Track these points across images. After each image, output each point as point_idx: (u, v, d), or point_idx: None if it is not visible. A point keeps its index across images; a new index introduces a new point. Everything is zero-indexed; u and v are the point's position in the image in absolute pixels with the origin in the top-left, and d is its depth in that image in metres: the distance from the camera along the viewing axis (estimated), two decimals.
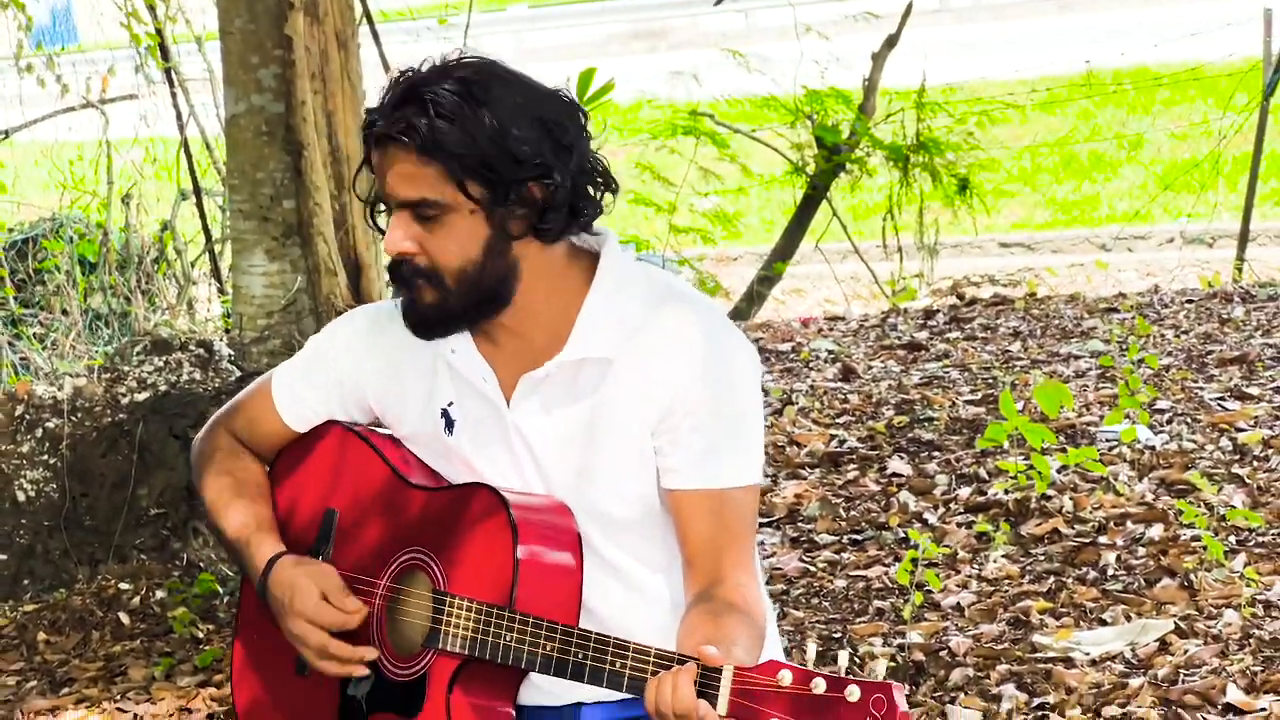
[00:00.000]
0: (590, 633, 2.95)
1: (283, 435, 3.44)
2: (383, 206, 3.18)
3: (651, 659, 2.88)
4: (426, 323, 3.15)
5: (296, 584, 3.23)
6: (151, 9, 10.12)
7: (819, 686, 2.68)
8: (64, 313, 9.77)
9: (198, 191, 10.54)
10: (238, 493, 3.40)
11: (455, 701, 3.07)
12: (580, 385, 3.16)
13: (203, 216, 10.61)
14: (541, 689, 3.16)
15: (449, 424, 3.25)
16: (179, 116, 10.48)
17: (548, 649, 2.97)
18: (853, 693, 2.65)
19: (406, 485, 3.27)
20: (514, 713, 3.14)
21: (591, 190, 3.16)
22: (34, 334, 9.76)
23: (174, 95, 10.45)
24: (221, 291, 10.35)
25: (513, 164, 3.05)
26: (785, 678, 2.70)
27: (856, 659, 5.17)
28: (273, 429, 3.44)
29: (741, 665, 2.77)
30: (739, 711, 2.74)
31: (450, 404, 3.25)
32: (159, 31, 10.16)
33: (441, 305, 3.12)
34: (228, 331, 7.49)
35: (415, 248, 3.10)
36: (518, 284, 3.13)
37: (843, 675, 2.69)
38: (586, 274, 3.19)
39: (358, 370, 3.36)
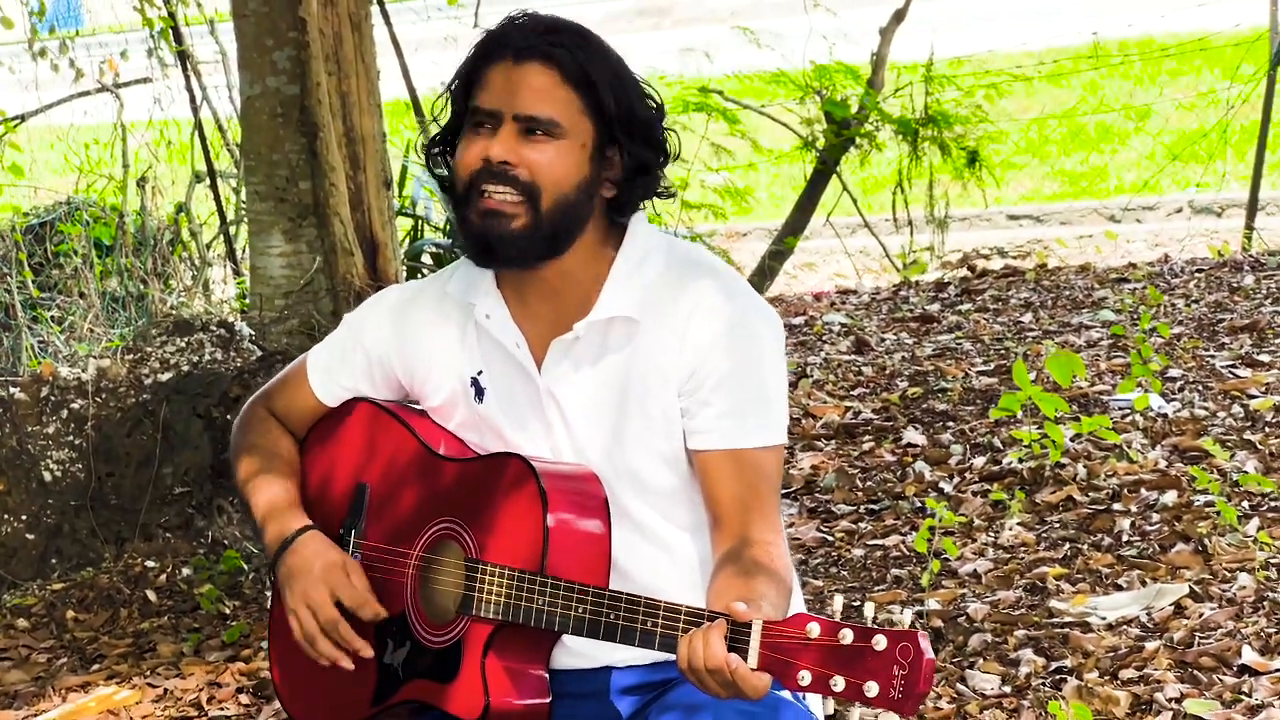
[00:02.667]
0: (621, 594, 3.01)
1: (318, 412, 3.50)
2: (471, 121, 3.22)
3: (682, 617, 2.93)
4: (503, 247, 3.19)
5: (329, 558, 3.29)
6: None
7: (847, 637, 2.72)
8: (81, 296, 9.82)
9: (212, 174, 10.59)
10: (269, 468, 3.46)
11: (490, 665, 3.12)
12: (609, 347, 3.23)
13: (217, 199, 10.65)
14: (574, 652, 3.22)
15: (479, 392, 3.32)
16: (192, 100, 10.53)
17: (580, 611, 3.03)
18: (879, 642, 2.70)
19: (436, 457, 3.32)
20: (547, 676, 3.19)
21: (661, 174, 3.30)
22: (52, 317, 9.81)
23: (187, 78, 10.50)
24: (237, 273, 10.41)
25: (631, 121, 3.21)
26: (813, 630, 2.75)
27: (876, 624, 5.23)
28: (308, 406, 3.50)
29: (770, 619, 2.82)
30: (769, 664, 2.79)
31: (480, 373, 3.32)
32: (171, 15, 10.21)
33: (528, 230, 3.17)
34: (243, 313, 7.55)
35: (518, 160, 3.16)
36: (581, 234, 3.22)
37: (870, 625, 2.75)
38: (615, 241, 3.28)
39: (388, 346, 3.42)
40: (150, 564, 6.27)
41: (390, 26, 10.54)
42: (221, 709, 5.36)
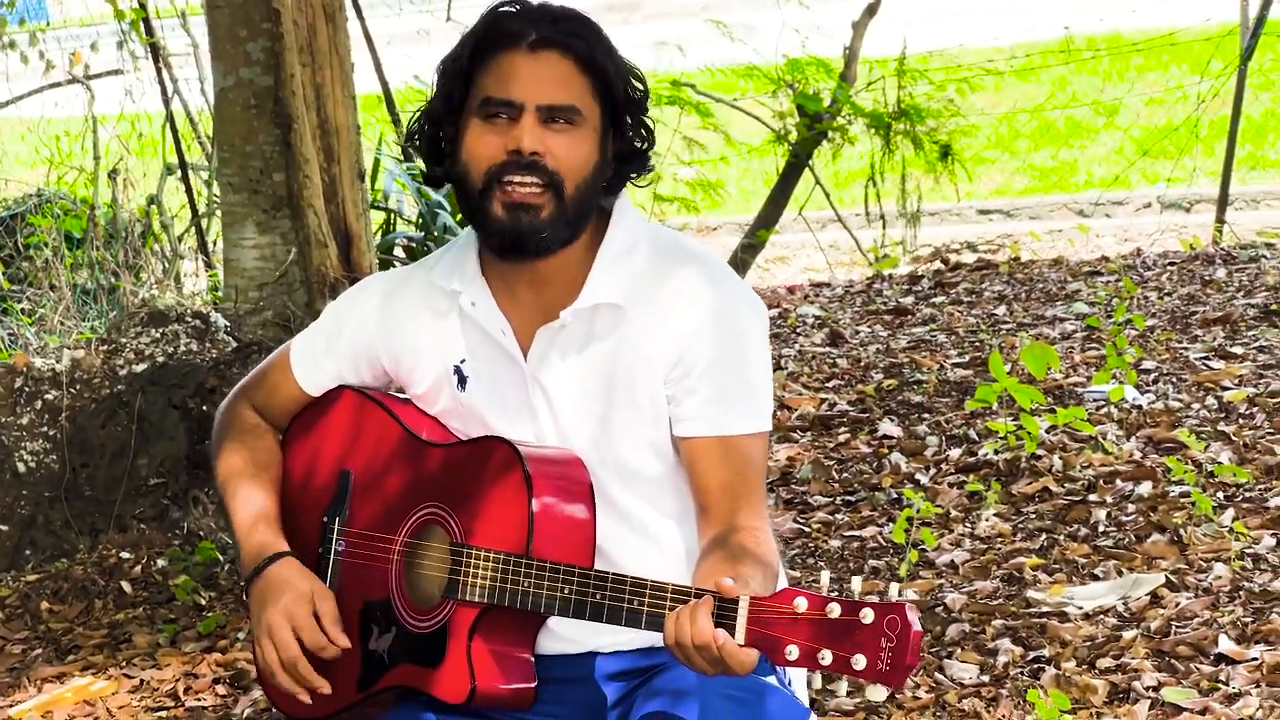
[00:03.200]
0: (607, 573, 3.01)
1: (301, 402, 3.51)
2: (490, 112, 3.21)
3: (669, 595, 2.93)
4: (533, 238, 3.18)
5: (299, 589, 3.27)
6: None
7: (834, 611, 2.73)
8: (52, 288, 9.79)
9: (183, 166, 10.56)
10: (251, 475, 3.46)
11: (476, 649, 3.12)
12: (595, 335, 3.24)
13: (189, 191, 10.62)
14: (560, 636, 3.23)
15: (461, 380, 3.32)
16: (164, 92, 10.50)
17: (565, 592, 3.03)
18: (867, 615, 2.70)
19: (420, 443, 3.32)
20: (533, 659, 3.20)
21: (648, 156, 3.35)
22: (22, 309, 9.78)
23: (159, 71, 10.47)
24: (209, 265, 10.38)
25: (631, 105, 3.25)
26: (800, 604, 2.76)
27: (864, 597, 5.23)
28: (291, 396, 3.50)
29: (757, 595, 2.82)
30: (757, 640, 2.79)
31: (463, 360, 3.32)
32: (143, 5, 10.17)
33: (555, 220, 3.17)
34: (216, 305, 7.54)
35: (545, 149, 3.16)
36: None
37: (857, 599, 2.75)
38: (600, 228, 3.29)
39: (372, 335, 3.42)
40: (125, 555, 6.24)
41: (362, 20, 10.53)
42: (198, 699, 5.35)
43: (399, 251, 9.95)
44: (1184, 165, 13.37)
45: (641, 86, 3.29)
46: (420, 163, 3.40)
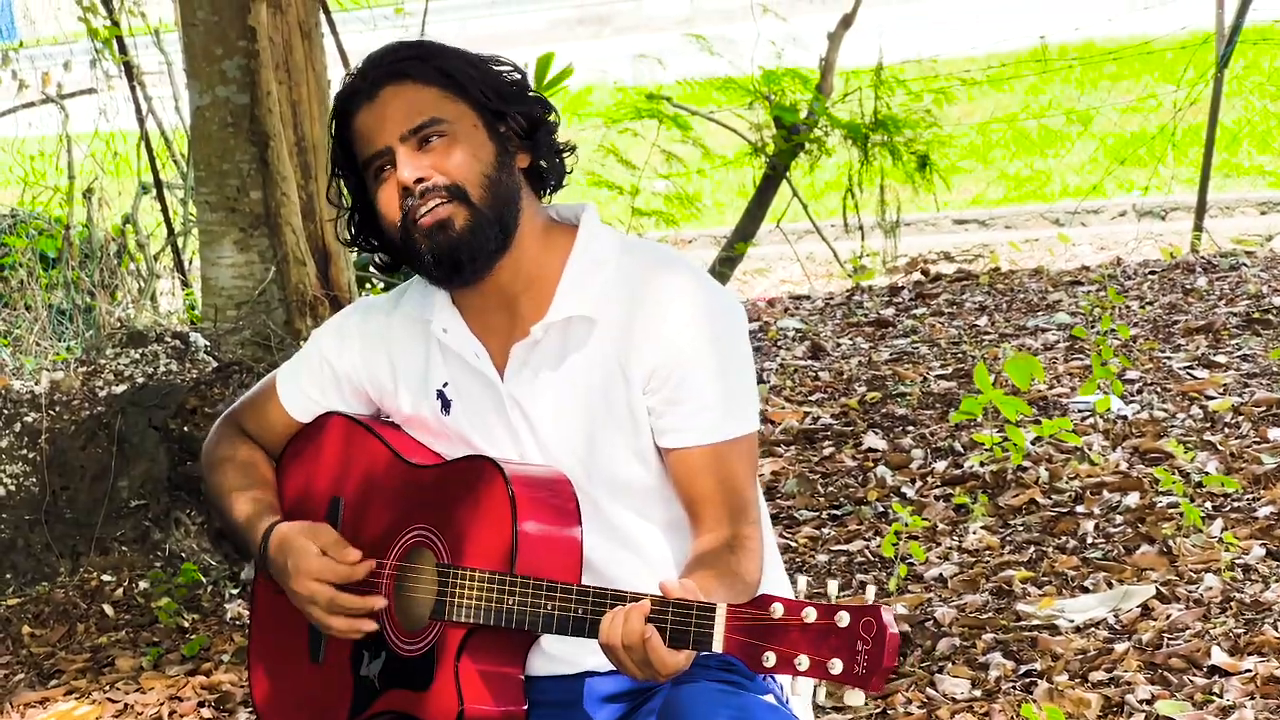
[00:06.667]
0: (589, 587, 2.99)
1: (290, 427, 3.49)
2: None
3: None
4: (464, 251, 3.15)
5: (294, 544, 3.26)
6: (107, 3, 10.09)
7: (810, 615, 2.71)
8: (27, 308, 9.74)
9: (158, 185, 10.52)
10: (242, 480, 3.45)
11: (464, 670, 3.09)
12: (569, 348, 3.21)
13: (164, 210, 10.58)
14: (552, 657, 3.20)
15: (445, 405, 3.30)
16: (138, 110, 10.46)
17: (549, 608, 3.00)
18: (843, 618, 2.69)
19: (408, 466, 3.30)
20: (523, 679, 3.17)
21: (559, 151, 3.31)
22: None
23: (133, 89, 10.42)
24: (184, 284, 10.34)
25: (500, 89, 3.22)
26: (777, 610, 2.74)
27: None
28: (280, 422, 3.48)
29: (734, 603, 2.80)
30: (735, 648, 2.78)
31: (445, 385, 3.30)
32: (116, 24, 10.13)
33: (474, 225, 3.14)
34: (193, 324, 7.50)
35: (430, 171, 3.14)
36: (521, 216, 3.21)
37: (833, 603, 2.73)
38: (568, 242, 3.26)
39: (354, 362, 3.41)
40: (107, 578, 6.20)
41: (337, 36, 10.47)
42: None
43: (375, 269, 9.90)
44: (1159, 173, 13.39)
45: (507, 67, 3.27)
46: None
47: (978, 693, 4.81)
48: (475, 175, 3.15)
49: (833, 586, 2.79)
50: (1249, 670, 4.69)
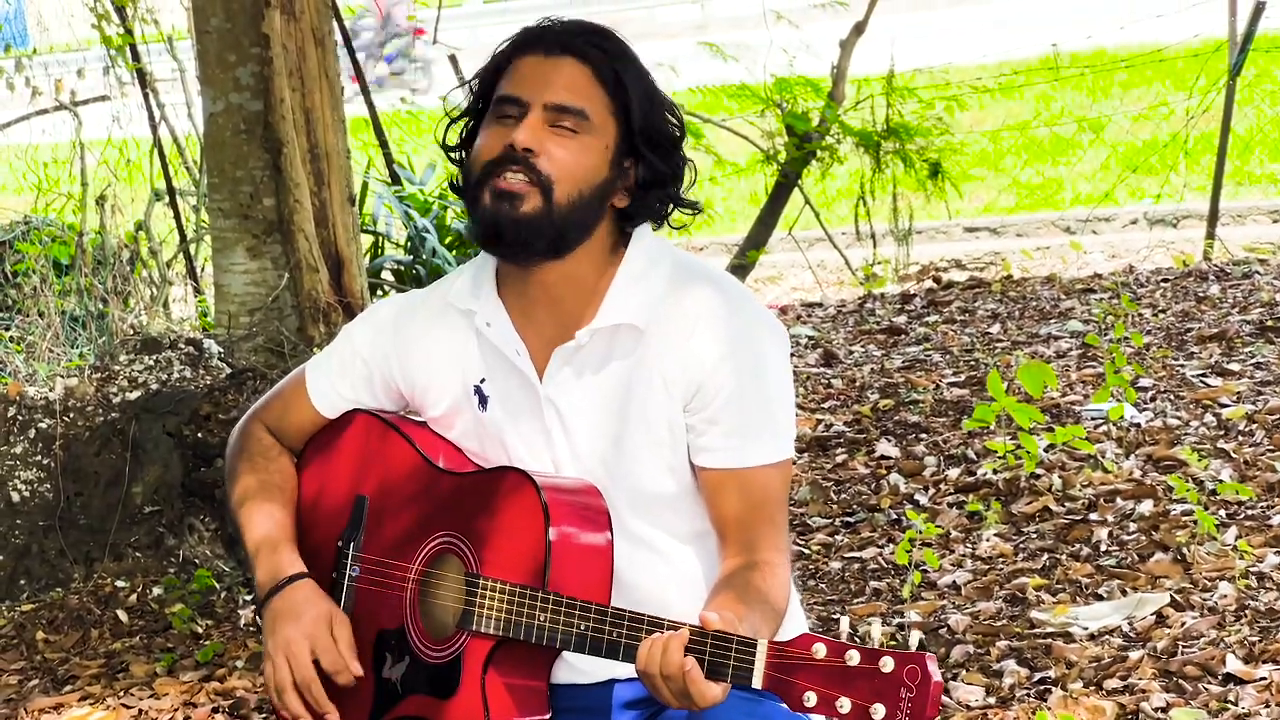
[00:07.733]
0: (625, 610, 2.98)
1: (315, 424, 3.48)
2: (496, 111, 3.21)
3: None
4: (511, 231, 3.15)
5: (319, 611, 3.25)
6: (120, 10, 10.09)
7: (853, 659, 2.72)
8: (40, 315, 9.74)
9: (171, 192, 10.52)
10: (265, 496, 3.43)
11: (490, 681, 3.09)
12: (612, 357, 3.21)
13: (177, 217, 10.58)
14: (575, 667, 3.19)
15: (483, 400, 3.29)
16: (151, 117, 10.46)
17: (581, 628, 3.00)
18: (887, 664, 2.69)
19: (435, 470, 3.29)
20: (548, 691, 3.16)
21: (678, 197, 3.29)
22: (11, 337, 9.73)
23: (145, 96, 10.43)
24: (197, 291, 10.34)
25: (654, 133, 3.21)
26: (819, 651, 2.74)
27: (856, 638, 5.20)
28: (305, 418, 3.47)
29: (775, 640, 2.80)
30: (774, 685, 2.77)
31: (483, 380, 3.29)
32: (129, 31, 10.14)
33: (538, 217, 3.13)
34: (205, 331, 7.50)
35: (541, 148, 3.14)
36: (586, 239, 3.20)
37: (877, 648, 2.73)
38: (619, 251, 3.25)
39: (388, 356, 3.39)
40: (120, 584, 6.21)
41: (350, 44, 10.50)
42: None
43: (387, 275, 9.92)
44: (1170, 181, 13.38)
45: (674, 119, 3.25)
46: (408, 186, 3.38)
47: (992, 700, 4.81)
48: (571, 182, 3.15)
49: (876, 630, 2.85)
50: (1264, 678, 4.69)
